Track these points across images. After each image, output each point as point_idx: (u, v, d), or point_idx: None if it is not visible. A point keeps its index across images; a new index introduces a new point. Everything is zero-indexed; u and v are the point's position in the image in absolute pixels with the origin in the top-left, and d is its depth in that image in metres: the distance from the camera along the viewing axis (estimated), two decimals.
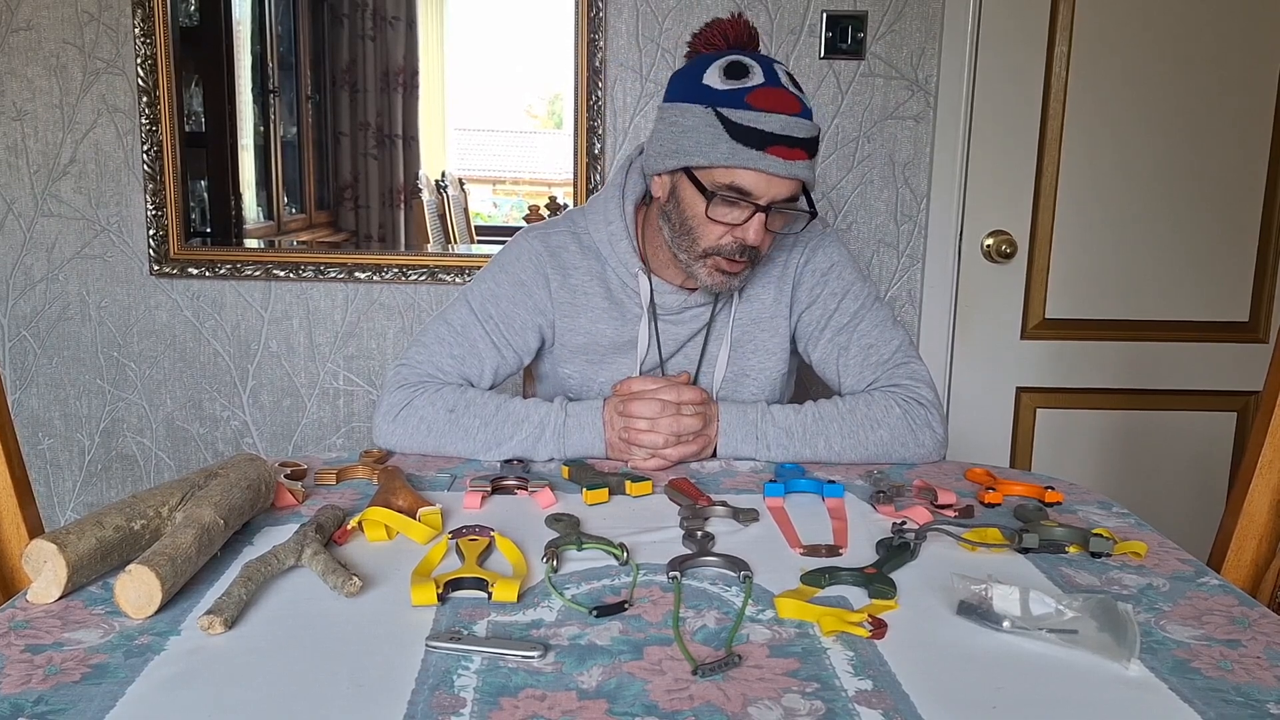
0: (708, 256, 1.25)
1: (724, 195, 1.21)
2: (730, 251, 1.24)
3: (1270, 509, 1.15)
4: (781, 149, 1.18)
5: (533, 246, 1.37)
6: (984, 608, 0.81)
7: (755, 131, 1.18)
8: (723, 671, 0.73)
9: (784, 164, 1.18)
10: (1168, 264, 2.21)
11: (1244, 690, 0.72)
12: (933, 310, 2.20)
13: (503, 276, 1.37)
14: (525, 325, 1.36)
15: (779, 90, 1.20)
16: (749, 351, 1.38)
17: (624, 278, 1.35)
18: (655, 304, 1.35)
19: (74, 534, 0.83)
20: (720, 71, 1.21)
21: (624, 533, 1.00)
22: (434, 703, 0.68)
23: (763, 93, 1.19)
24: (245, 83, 2.15)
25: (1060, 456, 2.29)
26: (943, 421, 1.33)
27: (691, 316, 1.37)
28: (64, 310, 2.19)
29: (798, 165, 1.20)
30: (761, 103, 1.18)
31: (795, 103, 1.20)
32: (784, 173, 1.19)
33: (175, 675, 0.72)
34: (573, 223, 1.40)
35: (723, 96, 1.20)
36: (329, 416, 2.23)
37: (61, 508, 2.29)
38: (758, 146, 1.18)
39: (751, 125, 1.18)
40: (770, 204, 1.21)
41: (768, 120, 1.18)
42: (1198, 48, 2.12)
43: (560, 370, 1.39)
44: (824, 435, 1.26)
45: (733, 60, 1.22)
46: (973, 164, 2.15)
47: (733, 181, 1.20)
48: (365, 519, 1.00)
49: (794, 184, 1.22)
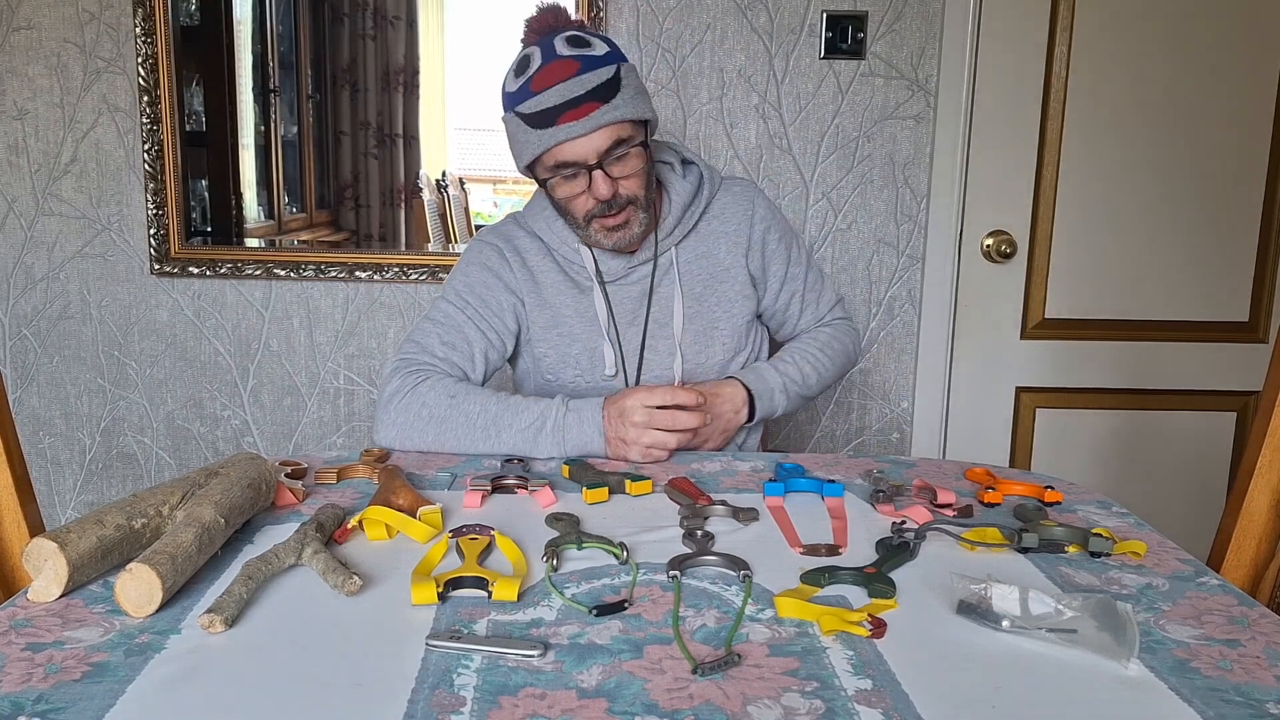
0: (588, 224, 1.35)
1: (558, 175, 1.31)
2: (599, 211, 1.32)
3: (1269, 509, 1.15)
4: (570, 113, 1.26)
5: (489, 238, 1.48)
6: (983, 607, 0.82)
7: (543, 112, 1.26)
8: (722, 671, 0.73)
9: (579, 124, 1.26)
10: (1167, 264, 2.21)
11: (1243, 690, 0.72)
12: (933, 310, 2.20)
13: (471, 268, 1.45)
14: (502, 306, 1.43)
15: (554, 64, 1.28)
16: (712, 305, 1.45)
17: (568, 255, 1.43)
18: (600, 271, 1.42)
19: (74, 533, 0.83)
20: (513, 73, 1.32)
21: (624, 532, 1.00)
22: (434, 701, 0.68)
23: (540, 74, 1.27)
24: (246, 82, 2.15)
25: (1060, 456, 2.29)
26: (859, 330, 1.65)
27: (639, 277, 1.44)
28: (65, 309, 2.19)
29: (593, 117, 1.26)
30: (540, 83, 1.27)
31: (572, 65, 1.27)
32: (584, 130, 1.26)
33: (176, 674, 0.72)
34: (516, 220, 1.51)
35: (516, 97, 1.30)
36: (329, 416, 2.23)
37: (62, 506, 2.29)
38: (549, 124, 1.26)
39: (538, 109, 1.27)
40: (599, 159, 1.28)
41: (548, 97, 1.26)
42: (1197, 47, 2.12)
43: (536, 351, 1.45)
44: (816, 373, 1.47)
45: (520, 57, 1.32)
46: (973, 164, 2.15)
47: (555, 160, 1.29)
48: (365, 518, 1.00)
49: (607, 132, 1.28)
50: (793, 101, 2.11)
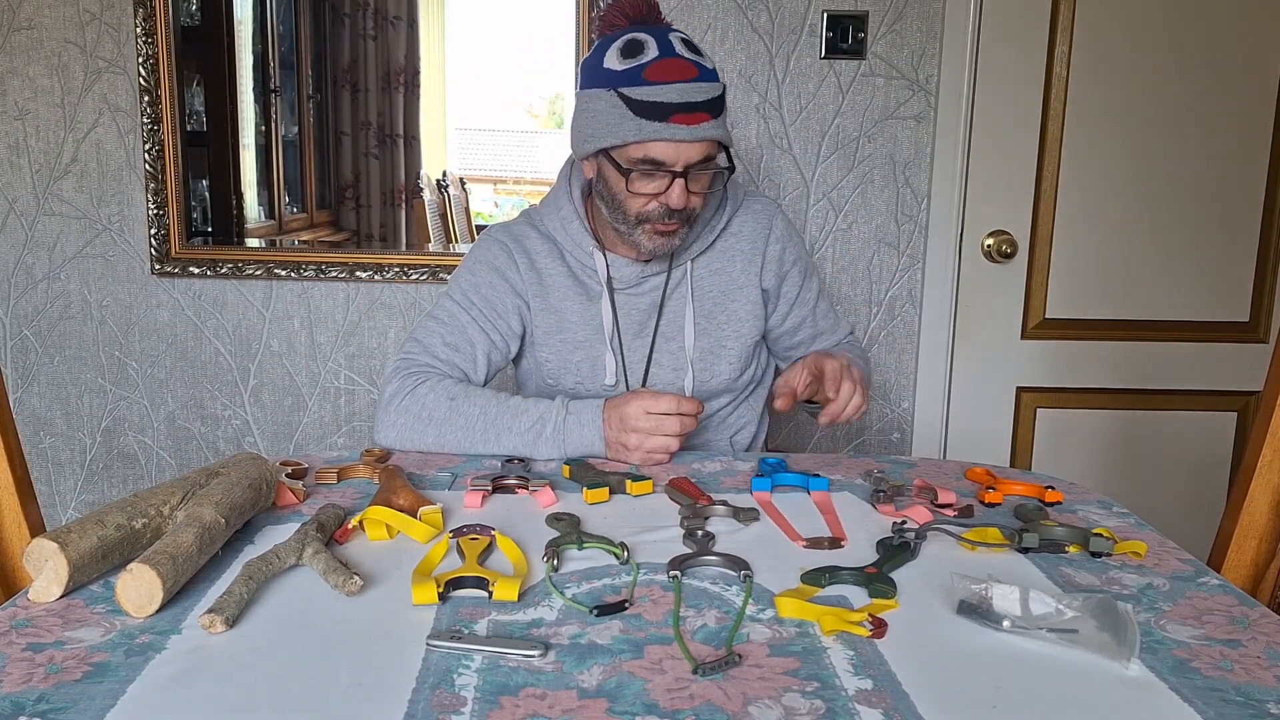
0: (641, 224, 1.32)
1: (640, 169, 1.27)
2: (659, 216, 1.30)
3: (1270, 509, 1.15)
4: (684, 116, 1.24)
5: (498, 238, 1.45)
6: (984, 607, 0.82)
7: (656, 104, 1.23)
8: (723, 671, 0.73)
9: (689, 129, 1.24)
10: (1168, 264, 2.21)
11: (1244, 690, 0.72)
12: (933, 310, 2.20)
13: (478, 267, 1.43)
14: (507, 308, 1.42)
15: (674, 60, 1.25)
16: (722, 322, 1.43)
17: (581, 258, 1.42)
18: (612, 278, 1.41)
19: (75, 533, 0.83)
20: (618, 53, 1.27)
21: (624, 532, 1.00)
22: (434, 701, 0.68)
23: (658, 65, 1.24)
24: (247, 82, 2.15)
25: (1060, 456, 2.29)
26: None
27: (650, 287, 1.42)
28: (65, 309, 2.19)
29: (703, 128, 1.25)
30: (658, 75, 1.24)
31: (692, 68, 1.25)
32: (690, 137, 1.24)
33: (176, 674, 0.72)
34: (529, 217, 1.48)
35: (622, 77, 1.25)
36: (330, 416, 2.24)
37: (63, 506, 2.29)
38: (661, 118, 1.23)
39: (652, 99, 1.23)
40: (686, 169, 1.27)
41: (666, 91, 1.23)
42: (1198, 48, 2.12)
43: (538, 355, 1.43)
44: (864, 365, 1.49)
45: (629, 39, 1.28)
46: (973, 164, 2.15)
47: (645, 155, 1.26)
48: (366, 518, 1.00)
49: (705, 146, 1.27)
50: (793, 101, 2.11)
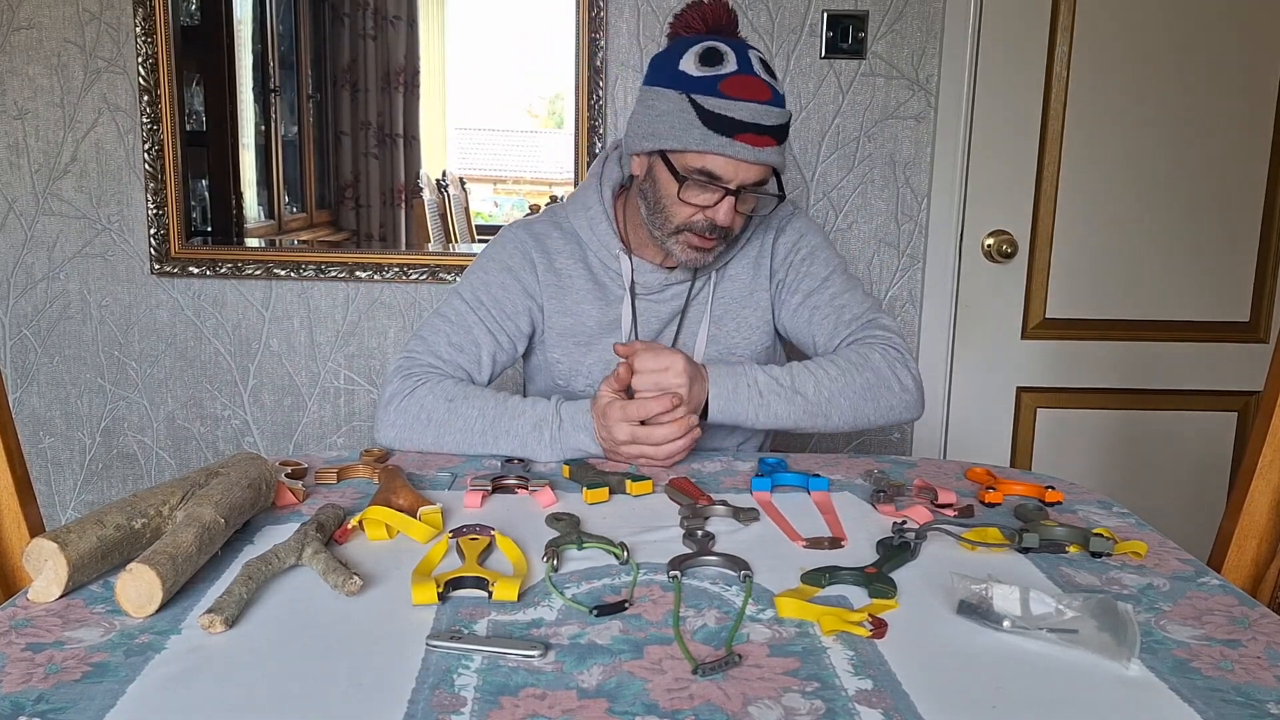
0: (680, 233, 1.30)
1: (695, 179, 1.25)
2: (701, 229, 1.29)
3: (1270, 509, 1.15)
4: (751, 136, 1.22)
5: (517, 235, 1.42)
6: (984, 607, 0.81)
7: (726, 119, 1.22)
8: (723, 671, 0.73)
9: (753, 151, 1.23)
10: (1168, 264, 2.21)
11: (1244, 690, 0.72)
12: (933, 310, 2.20)
13: (491, 265, 1.41)
14: (517, 310, 1.40)
15: (751, 78, 1.24)
16: (732, 330, 1.42)
17: (605, 260, 1.40)
18: (635, 283, 1.39)
19: (75, 533, 0.83)
20: (696, 58, 1.25)
21: (624, 532, 1.00)
22: (434, 702, 0.68)
23: (735, 80, 1.23)
24: (246, 82, 2.15)
25: (1060, 456, 2.29)
26: (917, 370, 1.35)
27: (672, 295, 1.41)
28: (65, 309, 2.19)
29: (766, 151, 1.24)
30: (733, 91, 1.22)
31: (766, 90, 1.24)
32: (753, 159, 1.23)
33: (176, 674, 0.72)
34: (554, 214, 1.45)
35: (697, 83, 1.24)
36: (330, 415, 2.23)
37: (62, 506, 2.29)
38: (728, 134, 1.22)
39: (723, 113, 1.22)
40: (740, 188, 1.26)
41: (739, 108, 1.22)
42: (1198, 48, 2.12)
43: (549, 355, 1.42)
44: (812, 380, 1.27)
45: (709, 47, 1.26)
46: (973, 164, 2.15)
47: (704, 166, 1.24)
48: (366, 518, 1.00)
49: (763, 169, 1.27)
50: (793, 101, 2.11)
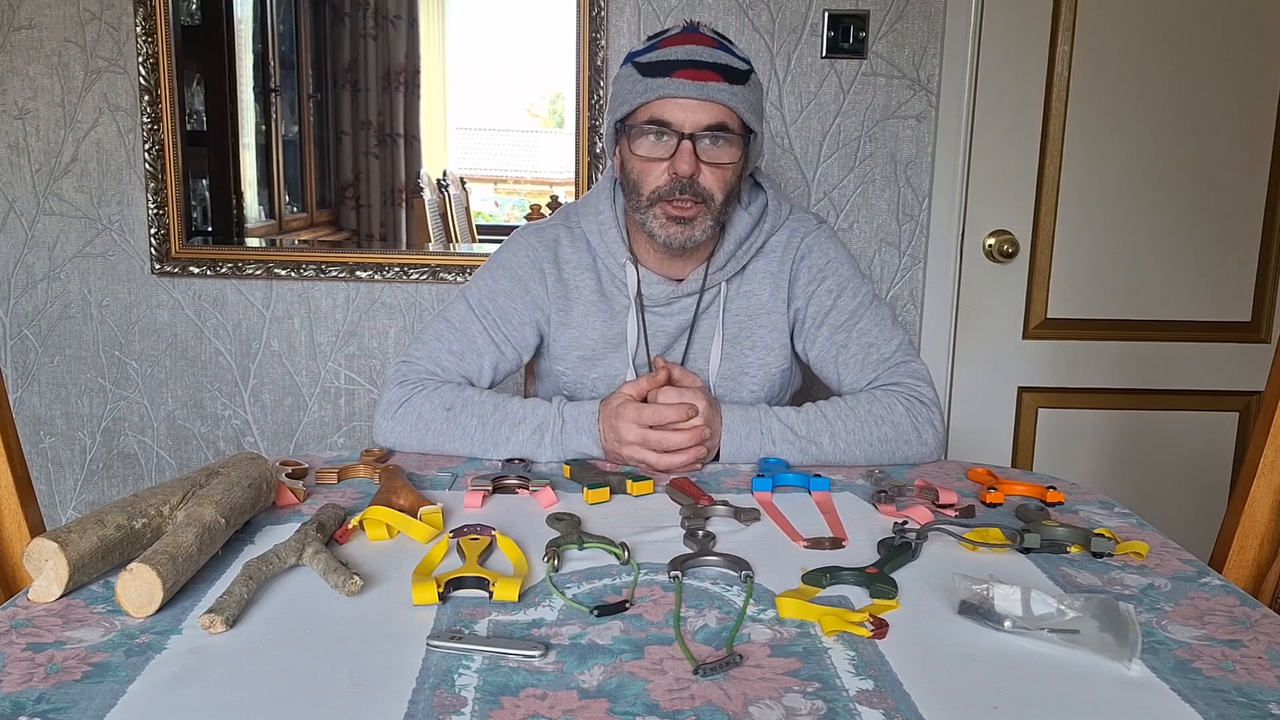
0: (654, 205, 1.26)
1: (646, 129, 1.23)
2: (670, 191, 1.24)
3: (1272, 509, 1.15)
4: (689, 71, 1.20)
5: (528, 243, 1.39)
6: (985, 607, 0.81)
7: (662, 63, 1.22)
8: (724, 671, 0.73)
9: (694, 85, 1.20)
10: (1170, 264, 2.21)
11: (1245, 690, 0.72)
12: (934, 310, 2.19)
13: (500, 273, 1.38)
14: (523, 321, 1.37)
15: (693, 34, 1.26)
16: (746, 348, 1.37)
17: (613, 269, 1.36)
18: (642, 295, 1.35)
19: (75, 532, 0.83)
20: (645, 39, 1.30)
21: (625, 532, 1.00)
22: (435, 702, 0.68)
23: (674, 37, 1.25)
24: (247, 81, 2.15)
25: (1062, 456, 2.29)
26: (943, 421, 1.32)
27: (680, 309, 1.36)
28: (65, 309, 2.19)
29: (711, 87, 1.20)
30: (670, 43, 1.24)
31: (710, 41, 1.25)
32: (696, 94, 1.20)
33: (176, 674, 0.72)
34: (566, 216, 1.42)
35: (638, 52, 1.27)
36: (330, 415, 2.23)
37: (63, 506, 2.29)
38: (665, 74, 1.21)
39: (658, 59, 1.23)
40: (694, 132, 1.22)
41: (674, 51, 1.23)
42: (1200, 47, 2.12)
43: (555, 368, 1.40)
44: (829, 431, 1.23)
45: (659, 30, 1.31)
46: (974, 163, 2.15)
47: (651, 115, 1.23)
48: (366, 518, 1.00)
49: (714, 108, 1.22)
50: (794, 101, 2.11)
